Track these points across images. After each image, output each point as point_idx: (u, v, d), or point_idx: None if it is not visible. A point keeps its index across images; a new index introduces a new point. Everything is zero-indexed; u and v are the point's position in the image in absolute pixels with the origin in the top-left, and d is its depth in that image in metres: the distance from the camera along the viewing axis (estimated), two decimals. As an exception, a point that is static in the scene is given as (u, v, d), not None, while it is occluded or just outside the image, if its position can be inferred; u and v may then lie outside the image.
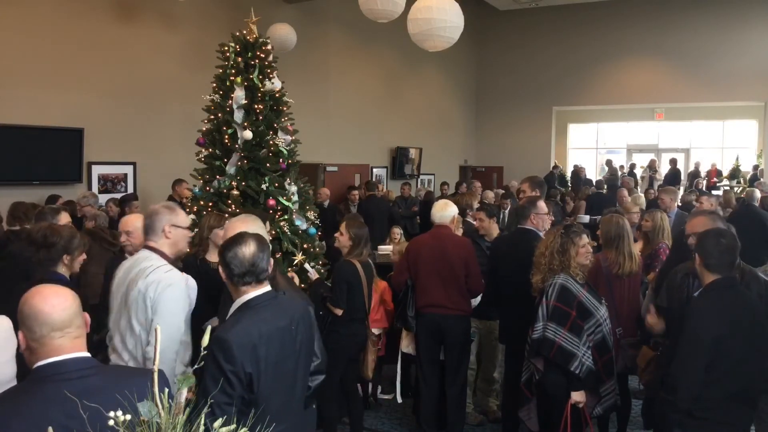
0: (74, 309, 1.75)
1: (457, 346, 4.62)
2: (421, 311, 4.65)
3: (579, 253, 3.65)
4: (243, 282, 2.42)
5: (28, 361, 1.72)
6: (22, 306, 1.72)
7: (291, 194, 5.13)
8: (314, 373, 2.75)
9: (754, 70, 14.82)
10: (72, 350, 1.71)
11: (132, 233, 3.87)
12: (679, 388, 2.84)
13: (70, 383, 1.64)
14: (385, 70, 13.91)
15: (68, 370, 1.68)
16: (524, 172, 14.47)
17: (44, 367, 1.68)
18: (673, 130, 18.62)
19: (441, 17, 6.63)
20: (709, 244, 3.00)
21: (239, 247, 2.42)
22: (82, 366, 1.71)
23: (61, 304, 1.72)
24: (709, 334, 2.82)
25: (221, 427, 1.43)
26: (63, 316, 1.71)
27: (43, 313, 1.69)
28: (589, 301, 3.62)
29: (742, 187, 13.37)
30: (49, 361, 1.68)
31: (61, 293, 1.77)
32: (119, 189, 8.37)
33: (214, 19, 9.41)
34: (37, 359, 1.69)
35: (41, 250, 3.04)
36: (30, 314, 1.70)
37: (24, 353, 1.74)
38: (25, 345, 1.72)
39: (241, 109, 5.06)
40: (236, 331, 2.31)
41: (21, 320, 1.71)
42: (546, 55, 16.75)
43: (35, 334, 1.68)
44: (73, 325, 1.73)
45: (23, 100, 7.36)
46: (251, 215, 3.19)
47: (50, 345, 1.69)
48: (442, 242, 4.62)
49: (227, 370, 2.25)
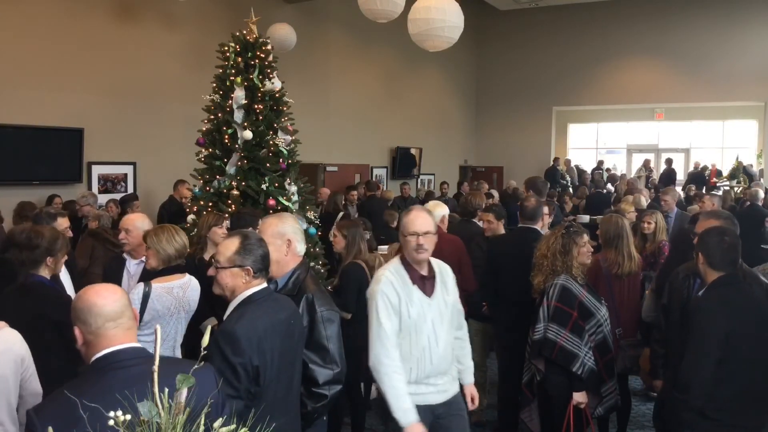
0: (124, 301, 1.89)
1: None
2: None
3: (580, 252, 3.66)
4: (261, 276, 2.50)
5: (86, 356, 1.84)
6: (76, 302, 1.86)
7: (291, 194, 5.14)
8: (332, 382, 2.69)
9: (754, 70, 14.81)
10: (125, 340, 1.83)
11: (131, 231, 3.88)
12: (691, 386, 2.83)
13: (127, 371, 1.76)
14: (385, 70, 13.91)
15: (123, 358, 1.79)
16: (524, 172, 14.53)
17: (101, 358, 1.79)
18: (673, 130, 18.61)
19: (441, 17, 6.63)
20: (712, 243, 3.00)
21: (262, 242, 2.53)
22: (137, 354, 1.82)
23: (112, 296, 1.86)
24: (718, 330, 2.82)
25: (221, 427, 1.43)
26: (115, 308, 1.83)
27: (97, 306, 1.82)
28: (590, 302, 3.62)
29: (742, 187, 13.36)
30: (105, 352, 1.79)
31: (110, 287, 1.91)
32: (119, 189, 8.37)
33: (214, 19, 9.41)
34: (94, 352, 1.81)
35: (24, 252, 3.04)
36: (84, 308, 1.82)
37: (81, 349, 1.85)
38: (81, 340, 1.83)
39: (241, 109, 5.06)
40: (243, 324, 2.33)
41: (75, 316, 1.84)
42: (546, 55, 16.74)
43: (91, 327, 1.80)
44: (124, 316, 1.85)
45: (23, 100, 7.36)
46: (285, 213, 3.19)
47: (105, 335, 1.81)
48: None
49: (236, 362, 2.26)
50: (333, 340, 2.72)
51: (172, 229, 3.54)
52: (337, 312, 2.84)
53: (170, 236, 3.45)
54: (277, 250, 2.75)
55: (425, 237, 2.87)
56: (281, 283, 2.79)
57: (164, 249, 3.41)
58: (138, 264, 3.98)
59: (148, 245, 3.47)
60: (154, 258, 3.45)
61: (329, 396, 2.68)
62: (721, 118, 17.64)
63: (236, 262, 2.45)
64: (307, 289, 2.77)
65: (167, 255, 3.42)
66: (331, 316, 2.76)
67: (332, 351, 2.70)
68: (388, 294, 2.86)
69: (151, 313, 3.21)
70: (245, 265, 2.44)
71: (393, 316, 2.85)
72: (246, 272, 2.45)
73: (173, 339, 3.37)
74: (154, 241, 3.44)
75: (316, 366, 2.66)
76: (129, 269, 4.01)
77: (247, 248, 2.47)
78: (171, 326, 3.32)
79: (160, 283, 3.30)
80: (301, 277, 2.81)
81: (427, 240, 2.88)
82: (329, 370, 2.68)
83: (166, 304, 3.27)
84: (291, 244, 2.80)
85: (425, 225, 2.89)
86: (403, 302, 2.87)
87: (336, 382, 2.71)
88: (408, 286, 2.90)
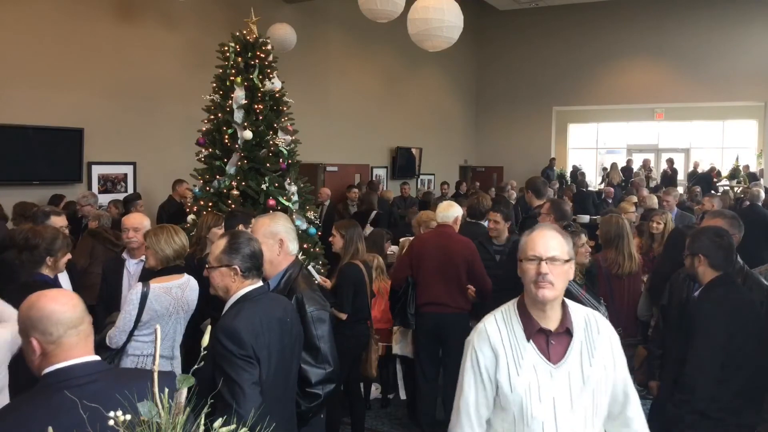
0: (83, 306, 1.75)
1: (457, 344, 4.62)
2: (421, 310, 4.67)
3: (579, 252, 3.67)
4: (257, 274, 2.49)
5: (38, 368, 1.68)
6: (28, 312, 1.68)
7: (291, 194, 5.14)
8: (325, 381, 2.70)
9: (754, 70, 14.81)
10: (84, 352, 1.70)
11: (140, 230, 3.89)
12: (696, 387, 2.83)
13: (80, 389, 1.61)
14: (385, 70, 13.91)
15: (78, 375, 1.65)
16: (524, 172, 14.53)
17: (52, 373, 1.65)
18: (673, 130, 18.62)
19: (440, 17, 6.63)
20: (710, 243, 3.00)
21: (253, 241, 2.52)
22: (94, 370, 1.69)
23: (70, 302, 1.72)
24: (721, 331, 2.83)
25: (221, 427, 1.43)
26: (75, 314, 1.70)
27: (57, 312, 1.67)
28: (589, 302, 3.62)
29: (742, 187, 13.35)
30: (57, 366, 1.65)
31: (65, 293, 1.77)
32: (119, 189, 8.37)
33: (214, 19, 9.41)
34: (48, 364, 1.66)
35: (23, 253, 3.04)
36: (42, 316, 1.66)
37: (35, 360, 1.69)
38: (39, 350, 1.66)
39: (241, 109, 5.06)
40: (240, 319, 2.34)
41: (31, 326, 1.66)
42: (546, 55, 16.74)
43: (52, 336, 1.65)
44: (84, 322, 1.72)
45: (23, 100, 7.36)
46: (278, 212, 3.18)
47: (67, 344, 1.67)
48: (446, 241, 4.66)
49: (241, 355, 2.27)
50: (324, 339, 2.72)
51: (171, 229, 3.54)
52: (328, 312, 2.84)
53: (169, 237, 3.45)
54: (270, 249, 2.75)
55: (552, 264, 1.94)
56: (273, 283, 2.80)
57: (162, 250, 3.42)
58: (138, 263, 3.98)
59: (147, 245, 3.48)
60: (152, 258, 3.47)
61: (323, 395, 2.69)
62: (721, 118, 17.64)
63: (224, 261, 2.46)
64: (298, 288, 2.77)
65: (165, 256, 3.43)
66: (322, 315, 2.76)
67: (324, 350, 2.71)
68: (481, 351, 2.01)
69: (150, 313, 3.21)
70: (232, 264, 2.45)
71: (481, 385, 2.00)
72: (233, 271, 2.45)
73: (172, 339, 3.37)
74: (153, 242, 3.44)
75: (309, 366, 2.67)
76: (129, 269, 4.02)
77: (233, 247, 2.47)
78: (170, 326, 3.32)
79: (158, 284, 3.30)
80: (293, 276, 2.81)
81: (555, 270, 1.94)
82: (321, 370, 2.69)
83: (164, 305, 3.27)
84: (283, 243, 2.80)
85: (553, 247, 1.97)
86: (502, 367, 1.97)
87: (329, 381, 2.72)
88: (519, 343, 1.99)
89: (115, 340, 3.20)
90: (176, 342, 3.40)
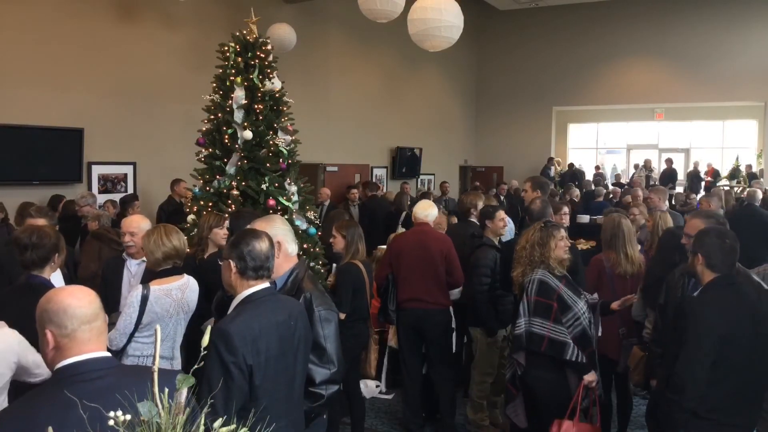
0: (98, 303, 1.79)
1: (437, 338, 4.79)
2: (402, 305, 4.81)
3: (558, 246, 3.71)
4: (256, 276, 2.46)
5: (52, 362, 1.72)
6: (47, 304, 1.72)
7: (291, 194, 5.13)
8: (329, 381, 2.69)
9: (754, 70, 14.81)
10: (96, 347, 1.73)
11: (136, 234, 3.87)
12: (686, 387, 2.83)
13: (90, 384, 1.65)
14: (385, 70, 13.91)
15: (89, 369, 1.69)
16: (524, 172, 14.53)
17: (64, 368, 1.69)
18: (673, 130, 18.62)
19: (440, 17, 6.64)
20: (712, 244, 2.98)
21: (256, 241, 2.48)
22: (105, 365, 1.73)
23: (86, 297, 1.76)
24: (714, 332, 2.81)
25: (221, 427, 1.43)
26: (91, 310, 1.74)
27: (72, 307, 1.71)
28: (568, 295, 3.64)
29: (742, 187, 13.36)
30: (70, 361, 1.69)
31: (83, 289, 1.81)
32: (119, 189, 8.37)
33: (214, 19, 9.42)
34: (62, 358, 1.70)
35: (34, 251, 3.03)
36: (59, 309, 1.70)
37: (49, 354, 1.73)
38: (53, 343, 1.71)
39: (241, 109, 5.06)
40: (237, 323, 2.34)
41: (48, 318, 1.71)
42: (546, 55, 16.74)
43: (66, 329, 1.69)
44: (99, 319, 1.76)
45: (23, 100, 7.36)
46: (273, 215, 3.17)
47: (80, 339, 1.70)
48: (423, 237, 4.81)
49: (229, 361, 2.26)
50: (330, 339, 2.71)
51: (163, 231, 3.44)
52: (335, 312, 2.83)
53: (158, 239, 3.37)
54: None
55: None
56: (280, 284, 2.79)
57: (152, 252, 3.38)
58: (139, 264, 3.97)
59: (142, 246, 3.48)
60: (147, 259, 3.48)
61: (326, 396, 2.68)
62: (721, 118, 17.64)
63: (225, 255, 2.51)
64: (305, 288, 2.77)
65: (155, 259, 3.38)
66: (329, 315, 2.75)
67: (329, 351, 2.70)
68: None
69: (151, 315, 3.20)
70: (230, 258, 2.47)
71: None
72: (229, 266, 2.47)
73: (172, 340, 3.36)
74: (145, 243, 3.43)
75: (313, 365, 2.66)
76: (130, 269, 4.00)
77: (233, 243, 2.50)
78: (170, 328, 3.31)
79: (158, 285, 3.29)
80: (299, 276, 2.81)
81: None
82: (326, 370, 2.68)
83: (165, 306, 3.26)
84: (281, 246, 2.79)
85: None
86: None
87: (333, 381, 2.71)
88: None
89: (116, 342, 3.20)
90: (176, 343, 3.40)
